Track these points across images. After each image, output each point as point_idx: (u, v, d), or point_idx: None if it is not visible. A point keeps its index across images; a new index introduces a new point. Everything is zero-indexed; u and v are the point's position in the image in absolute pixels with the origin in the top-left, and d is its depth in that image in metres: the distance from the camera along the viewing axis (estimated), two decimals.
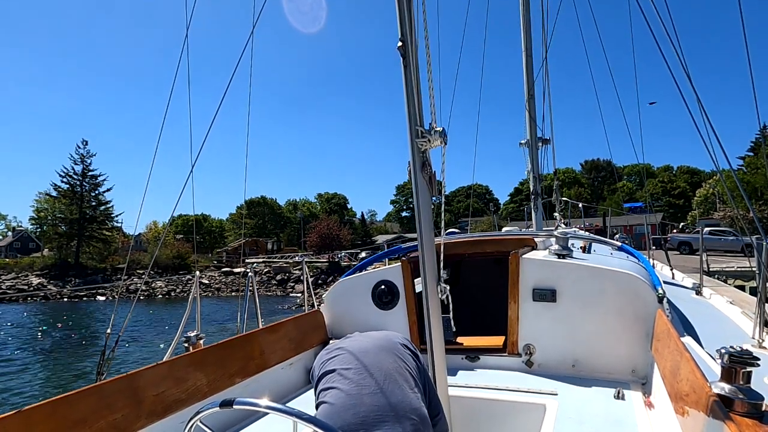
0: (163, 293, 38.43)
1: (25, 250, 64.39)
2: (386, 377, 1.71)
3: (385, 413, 1.61)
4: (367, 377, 1.72)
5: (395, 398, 1.66)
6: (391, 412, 1.62)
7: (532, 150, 7.53)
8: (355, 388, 1.68)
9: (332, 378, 1.75)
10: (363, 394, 1.66)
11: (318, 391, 1.77)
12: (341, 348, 1.87)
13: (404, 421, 1.61)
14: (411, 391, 1.71)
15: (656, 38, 2.34)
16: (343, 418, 1.59)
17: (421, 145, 2.25)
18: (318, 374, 1.83)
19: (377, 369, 1.73)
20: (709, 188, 47.91)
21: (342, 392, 1.68)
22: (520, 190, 67.74)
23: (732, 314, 4.03)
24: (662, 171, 70.41)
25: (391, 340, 1.91)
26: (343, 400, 1.66)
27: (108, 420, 2.02)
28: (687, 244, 24.61)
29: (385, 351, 1.83)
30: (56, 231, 50.70)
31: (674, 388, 1.86)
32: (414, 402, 1.68)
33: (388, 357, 1.80)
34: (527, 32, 7.59)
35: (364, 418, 1.59)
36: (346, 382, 1.71)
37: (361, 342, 1.90)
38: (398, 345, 1.88)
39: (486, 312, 3.99)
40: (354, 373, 1.74)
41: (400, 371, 1.76)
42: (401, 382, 1.72)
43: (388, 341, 1.90)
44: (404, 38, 2.17)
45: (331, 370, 1.78)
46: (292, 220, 74.77)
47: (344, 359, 1.81)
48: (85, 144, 52.39)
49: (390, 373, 1.74)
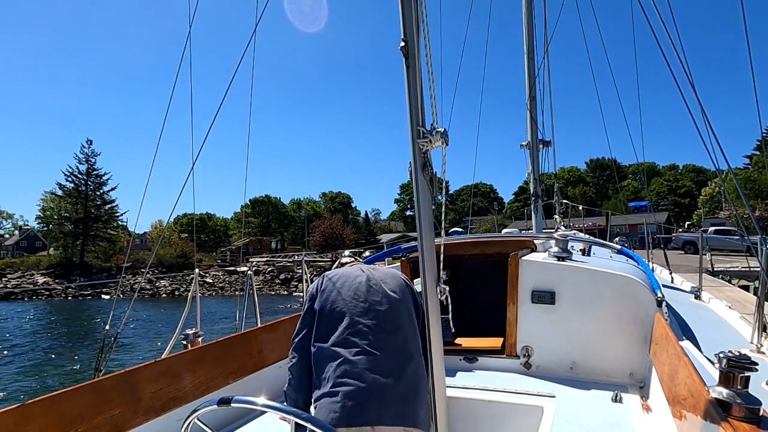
0: (167, 292, 38.56)
1: (31, 249, 64.77)
2: (385, 320, 1.90)
3: (389, 374, 1.78)
4: (369, 317, 1.89)
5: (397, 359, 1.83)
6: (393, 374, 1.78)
7: (533, 152, 7.51)
8: (356, 333, 1.84)
9: (333, 313, 1.92)
10: (364, 345, 1.82)
11: (320, 314, 1.94)
12: (337, 285, 2.02)
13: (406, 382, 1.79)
14: (407, 327, 1.94)
15: (657, 38, 2.33)
16: (350, 372, 1.74)
17: (423, 146, 2.25)
18: (316, 295, 2.02)
19: (371, 303, 1.93)
20: (715, 187, 47.61)
21: (346, 334, 1.84)
22: (524, 189, 67.53)
23: (731, 319, 4.01)
24: (668, 170, 70.07)
25: (394, 276, 2.10)
26: (348, 343, 1.82)
27: (105, 416, 2.04)
28: (691, 244, 24.47)
29: (380, 292, 2.00)
30: (62, 230, 50.96)
31: (672, 392, 1.85)
32: (409, 338, 1.90)
33: (384, 291, 2.00)
34: (529, 34, 7.57)
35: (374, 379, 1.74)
36: (348, 322, 1.88)
37: (357, 277, 2.06)
38: (402, 282, 2.07)
39: (485, 313, 3.98)
40: (358, 313, 1.90)
41: (396, 310, 1.96)
42: (398, 328, 1.92)
43: (391, 276, 2.08)
44: (407, 38, 2.16)
45: (330, 306, 1.95)
46: (296, 219, 74.83)
47: (341, 293, 1.98)
48: (89, 143, 52.66)
49: (387, 317, 1.92)
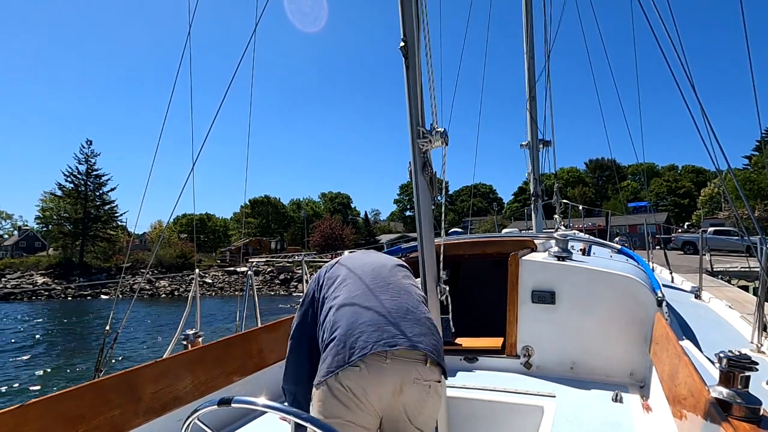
0: (167, 292, 38.54)
1: (30, 249, 64.65)
2: (397, 290, 1.79)
3: (405, 314, 1.69)
4: (381, 285, 1.80)
5: (411, 305, 1.75)
6: (409, 314, 1.69)
7: (533, 152, 7.51)
8: (370, 292, 1.75)
9: (344, 284, 1.82)
10: (380, 297, 1.73)
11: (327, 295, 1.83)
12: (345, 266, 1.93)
13: (423, 324, 1.68)
14: (421, 304, 1.80)
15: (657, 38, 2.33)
16: (364, 318, 1.63)
17: (423, 146, 2.25)
18: (322, 282, 1.90)
19: (385, 285, 1.81)
20: (714, 188, 47.63)
21: (358, 293, 1.75)
22: (524, 190, 67.52)
23: (731, 318, 4.00)
24: (667, 170, 70.12)
25: (391, 260, 2.03)
26: (362, 297, 1.73)
27: (106, 416, 2.03)
28: (691, 244, 24.49)
29: (390, 268, 1.92)
30: (61, 230, 50.91)
31: (672, 392, 1.85)
32: (426, 312, 1.77)
33: (398, 272, 1.91)
34: (529, 34, 7.57)
35: (388, 312, 1.66)
36: (360, 286, 1.78)
37: (364, 260, 1.98)
38: (397, 266, 1.98)
39: (485, 313, 3.98)
40: (369, 280, 1.81)
41: (408, 287, 1.85)
42: (413, 294, 1.82)
43: (390, 260, 2.01)
44: (407, 38, 2.16)
45: (341, 280, 1.85)
46: (295, 220, 74.80)
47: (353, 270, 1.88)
48: (89, 144, 52.56)
49: (403, 285, 1.83)
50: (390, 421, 1.59)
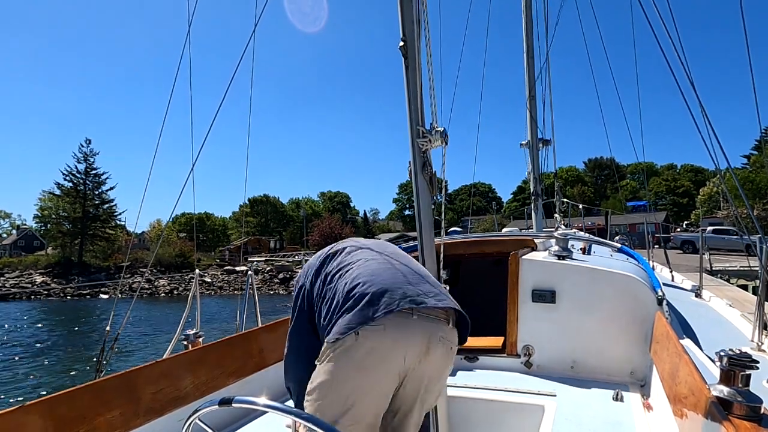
0: (166, 292, 38.52)
1: (29, 249, 64.58)
2: (408, 259, 1.77)
3: (424, 276, 1.66)
4: (392, 252, 1.76)
5: (424, 271, 1.73)
6: (428, 278, 1.66)
7: (533, 151, 7.51)
8: (383, 257, 1.70)
9: (355, 255, 1.72)
10: (394, 262, 1.67)
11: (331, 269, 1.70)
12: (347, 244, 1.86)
13: (440, 287, 1.64)
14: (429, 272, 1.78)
15: (657, 38, 2.33)
16: (383, 277, 1.55)
17: (422, 145, 2.25)
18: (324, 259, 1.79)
19: (396, 253, 1.78)
20: (713, 187, 47.65)
21: (371, 259, 1.67)
22: (523, 189, 67.53)
23: (731, 317, 4.01)
24: (666, 169, 70.16)
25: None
26: (377, 262, 1.65)
27: (106, 417, 2.03)
28: (690, 243, 24.53)
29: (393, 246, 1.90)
30: (60, 229, 50.82)
31: (673, 391, 1.85)
32: (436, 280, 1.73)
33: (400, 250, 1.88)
34: (528, 33, 7.56)
35: (405, 274, 1.60)
36: (372, 253, 1.72)
37: (365, 240, 1.95)
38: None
39: (485, 313, 3.98)
40: (380, 249, 1.78)
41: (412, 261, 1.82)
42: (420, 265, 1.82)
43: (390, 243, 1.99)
44: (407, 38, 2.16)
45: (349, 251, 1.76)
46: (294, 219, 74.79)
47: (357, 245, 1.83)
48: (88, 143, 52.50)
49: (409, 257, 1.80)
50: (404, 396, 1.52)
